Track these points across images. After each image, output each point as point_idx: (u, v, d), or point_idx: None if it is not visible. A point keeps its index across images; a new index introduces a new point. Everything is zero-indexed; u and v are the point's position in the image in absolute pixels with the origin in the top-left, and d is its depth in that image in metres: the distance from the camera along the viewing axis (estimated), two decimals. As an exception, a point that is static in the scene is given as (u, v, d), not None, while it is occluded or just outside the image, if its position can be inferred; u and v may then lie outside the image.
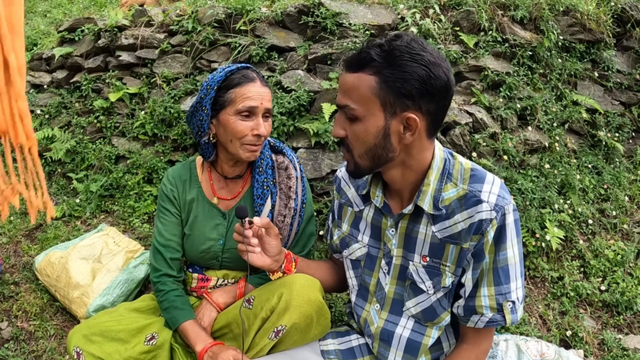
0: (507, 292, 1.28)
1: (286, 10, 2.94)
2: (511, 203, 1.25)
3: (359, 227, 1.50)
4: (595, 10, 3.29)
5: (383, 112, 1.20)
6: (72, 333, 1.65)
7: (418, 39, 1.20)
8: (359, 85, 1.20)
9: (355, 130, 1.24)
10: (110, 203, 3.06)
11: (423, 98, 1.18)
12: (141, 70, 3.32)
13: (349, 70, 1.23)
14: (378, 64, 1.17)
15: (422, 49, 1.17)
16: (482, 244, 1.26)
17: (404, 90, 1.16)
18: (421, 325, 1.41)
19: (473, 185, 1.27)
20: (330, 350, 1.56)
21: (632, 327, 2.34)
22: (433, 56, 1.17)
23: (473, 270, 1.30)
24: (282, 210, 1.69)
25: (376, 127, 1.21)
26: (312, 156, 2.62)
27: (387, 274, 1.42)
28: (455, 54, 2.82)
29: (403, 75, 1.15)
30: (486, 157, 2.68)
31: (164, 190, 1.72)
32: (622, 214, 2.94)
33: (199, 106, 1.59)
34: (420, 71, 1.15)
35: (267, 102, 1.58)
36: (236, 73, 1.57)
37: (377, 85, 1.18)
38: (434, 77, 1.16)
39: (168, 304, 1.64)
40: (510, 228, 1.25)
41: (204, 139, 1.62)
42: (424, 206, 1.29)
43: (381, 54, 1.17)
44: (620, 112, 3.40)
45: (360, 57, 1.20)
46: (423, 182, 1.30)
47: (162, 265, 1.68)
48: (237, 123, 1.54)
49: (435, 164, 1.30)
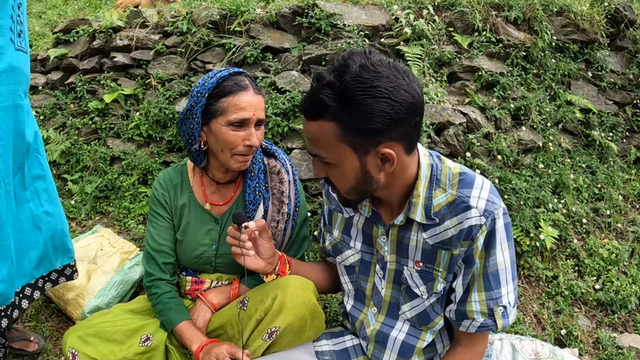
0: (497, 297, 1.27)
1: (280, 11, 2.95)
2: (501, 207, 1.23)
3: (350, 233, 1.49)
4: (589, 10, 3.30)
5: (355, 154, 1.14)
6: (68, 334, 1.65)
7: (367, 63, 1.08)
8: (322, 135, 1.14)
9: (333, 174, 1.22)
10: (105, 204, 3.06)
11: (391, 128, 1.10)
12: (136, 71, 3.31)
13: (307, 118, 1.16)
14: (334, 109, 1.09)
15: (374, 77, 1.06)
16: (472, 249, 1.24)
17: (369, 129, 1.09)
18: (416, 329, 1.41)
19: (462, 190, 1.24)
20: (324, 351, 1.56)
21: (626, 326, 2.35)
22: (389, 79, 1.07)
23: (464, 276, 1.29)
24: (275, 216, 1.67)
25: (353, 169, 1.17)
26: (306, 157, 2.62)
27: (383, 278, 1.42)
28: (449, 55, 2.83)
29: (362, 115, 1.07)
30: (480, 157, 2.69)
31: (155, 195, 1.70)
32: (616, 213, 2.96)
33: (190, 114, 1.53)
34: (380, 106, 1.06)
35: (260, 112, 1.52)
36: (228, 80, 1.51)
37: (340, 131, 1.11)
38: (397, 103, 1.07)
39: (162, 306, 1.63)
40: (500, 233, 1.23)
41: (195, 147, 1.59)
42: (416, 218, 1.27)
43: (333, 96, 1.08)
44: (614, 112, 3.41)
45: (313, 104, 1.12)
46: (412, 193, 1.27)
47: (155, 270, 1.67)
48: (229, 134, 1.49)
49: (422, 174, 1.26)
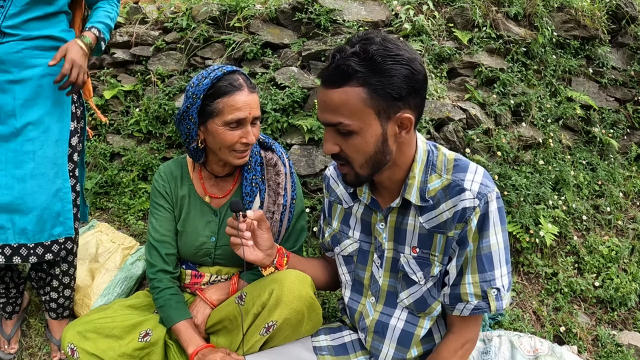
0: (491, 279, 1.29)
1: (280, 7, 2.94)
2: (494, 191, 1.27)
3: (349, 223, 1.52)
4: (590, 6, 3.29)
5: (378, 120, 1.19)
6: (67, 329, 1.66)
7: (388, 38, 1.18)
8: (348, 100, 1.17)
9: (353, 143, 1.23)
10: (105, 200, 3.06)
11: (411, 95, 1.19)
12: (136, 67, 3.31)
13: (330, 86, 1.19)
14: (362, 74, 1.15)
15: (397, 47, 1.17)
16: (465, 231, 1.27)
17: (395, 94, 1.16)
18: (414, 316, 1.42)
19: (456, 174, 1.29)
20: (322, 346, 1.56)
21: (626, 323, 2.35)
22: (408, 52, 1.18)
23: (457, 258, 1.31)
24: (271, 207, 1.69)
25: (375, 136, 1.21)
26: (305, 152, 2.62)
27: (380, 267, 1.44)
28: (449, 50, 2.82)
29: (391, 80, 1.15)
30: (480, 153, 2.68)
31: (156, 187, 1.73)
32: (616, 210, 2.95)
33: (186, 115, 1.56)
34: (405, 71, 1.16)
35: (256, 110, 1.55)
36: (222, 80, 1.52)
37: (367, 95, 1.16)
38: (417, 72, 1.17)
39: (163, 302, 1.65)
40: (493, 215, 1.27)
41: (193, 145, 1.62)
42: (411, 199, 1.31)
43: (362, 64, 1.15)
44: (614, 109, 3.40)
45: (340, 70, 1.17)
46: (409, 175, 1.31)
47: (157, 261, 1.69)
48: (226, 133, 1.53)
49: (419, 157, 1.32)
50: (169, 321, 1.62)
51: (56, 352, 2.00)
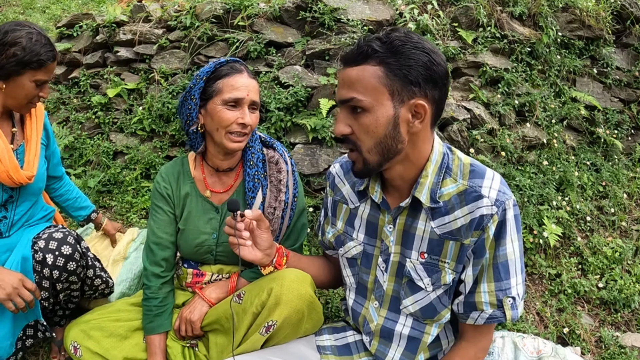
0: (507, 287, 1.27)
1: (284, 6, 2.94)
2: (511, 198, 1.25)
3: (353, 224, 1.49)
4: (595, 6, 3.28)
5: (391, 101, 1.19)
6: (69, 327, 1.66)
7: (413, 32, 1.21)
8: (364, 76, 1.19)
9: (363, 122, 1.21)
10: (108, 199, 3.06)
11: (428, 84, 1.18)
12: (139, 66, 3.31)
13: (350, 65, 1.22)
14: (381, 54, 1.17)
15: (420, 38, 1.19)
16: (482, 239, 1.25)
17: (411, 77, 1.17)
18: (420, 323, 1.40)
19: (473, 180, 1.26)
20: (326, 345, 1.55)
21: (629, 325, 2.34)
22: (431, 45, 1.20)
23: (473, 267, 1.29)
24: (273, 203, 1.69)
25: (386, 117, 1.19)
26: (309, 152, 2.62)
27: (385, 271, 1.41)
28: (454, 50, 2.81)
29: (408, 62, 1.16)
30: (484, 153, 2.67)
31: (157, 189, 1.73)
32: (620, 211, 2.94)
33: (188, 95, 1.62)
34: (424, 57, 1.17)
35: (254, 94, 1.60)
36: (225, 65, 1.60)
37: (383, 74, 1.17)
38: (436, 63, 1.18)
39: (147, 310, 1.68)
40: (510, 223, 1.25)
41: (192, 128, 1.65)
42: (421, 197, 1.28)
43: (382, 45, 1.18)
44: (619, 109, 3.39)
45: (360, 50, 1.20)
46: (421, 174, 1.29)
47: (152, 264, 1.70)
48: (224, 112, 1.56)
49: (433, 157, 1.29)
50: (146, 330, 1.66)
51: (56, 353, 1.97)
